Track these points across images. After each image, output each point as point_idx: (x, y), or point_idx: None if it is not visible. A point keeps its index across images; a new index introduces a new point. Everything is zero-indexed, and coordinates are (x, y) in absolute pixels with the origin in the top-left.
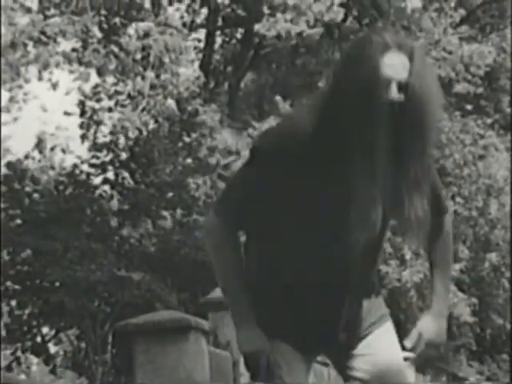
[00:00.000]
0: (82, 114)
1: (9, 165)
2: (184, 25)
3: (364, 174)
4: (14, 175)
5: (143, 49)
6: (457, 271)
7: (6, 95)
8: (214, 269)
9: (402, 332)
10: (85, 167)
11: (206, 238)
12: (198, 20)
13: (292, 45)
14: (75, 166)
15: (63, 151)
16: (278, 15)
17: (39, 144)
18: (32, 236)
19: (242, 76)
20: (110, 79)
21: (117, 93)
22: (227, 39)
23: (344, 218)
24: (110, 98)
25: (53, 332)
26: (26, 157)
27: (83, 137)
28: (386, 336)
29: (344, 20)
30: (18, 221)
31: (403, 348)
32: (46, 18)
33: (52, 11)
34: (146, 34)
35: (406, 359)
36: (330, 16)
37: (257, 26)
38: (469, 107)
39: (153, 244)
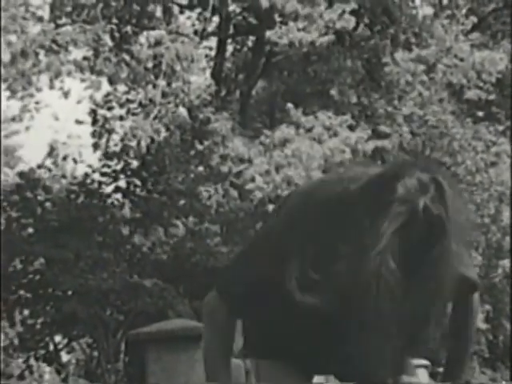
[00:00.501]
0: (94, 122)
1: (21, 174)
2: (195, 33)
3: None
4: (26, 184)
5: (155, 57)
6: None
7: (17, 104)
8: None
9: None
10: (96, 176)
11: (204, 316)
12: (210, 28)
13: (303, 52)
14: (87, 174)
15: (75, 161)
16: (290, 23)
17: (51, 153)
18: (44, 245)
19: (254, 84)
20: (122, 87)
21: (128, 101)
22: (238, 47)
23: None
24: (121, 106)
25: (65, 341)
26: (39, 166)
27: (95, 145)
28: None
29: (355, 28)
30: (31, 230)
31: None
32: (57, 26)
33: (63, 20)
34: (158, 42)
35: None
36: (341, 24)
37: (268, 33)
38: (480, 114)
39: (165, 252)
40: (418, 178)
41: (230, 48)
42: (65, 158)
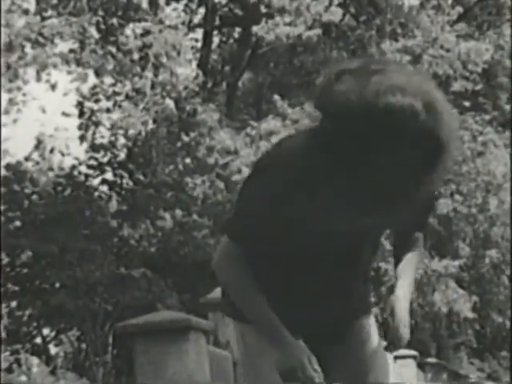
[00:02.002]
0: (81, 114)
1: (8, 166)
2: (183, 23)
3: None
4: (13, 177)
5: (141, 48)
6: (456, 268)
7: (4, 97)
8: (231, 294)
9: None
10: (83, 168)
11: (223, 263)
12: (195, 20)
13: (289, 44)
14: (74, 167)
15: (62, 153)
16: (277, 18)
17: (38, 145)
18: (31, 238)
19: (240, 75)
20: (108, 80)
21: (115, 93)
22: (224, 39)
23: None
24: (108, 98)
25: (53, 333)
26: (26, 159)
27: (82, 138)
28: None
29: (341, 19)
30: (18, 223)
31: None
32: (43, 19)
33: (49, 13)
34: (147, 32)
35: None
36: (327, 16)
37: (255, 28)
38: (467, 104)
39: (152, 244)
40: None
41: (216, 40)
42: (52, 151)
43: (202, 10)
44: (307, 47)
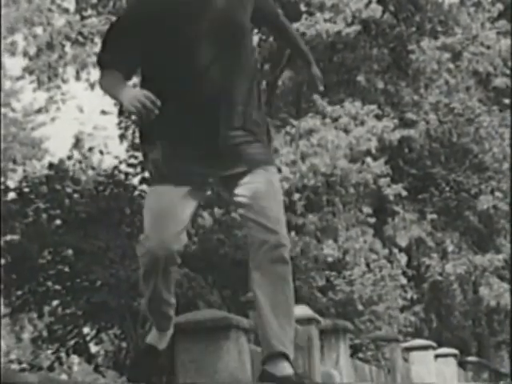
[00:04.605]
0: (121, 113)
1: (50, 165)
2: None
3: None
4: (55, 175)
5: None
6: (501, 261)
7: (44, 95)
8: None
9: (443, 324)
10: (123, 167)
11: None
12: None
13: (329, 41)
14: (115, 166)
15: (101, 152)
16: (317, 15)
17: (77, 144)
18: (73, 236)
19: (280, 74)
20: None
21: None
22: (264, 37)
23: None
24: None
25: (93, 332)
26: (69, 157)
27: (121, 136)
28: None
29: (381, 16)
30: (58, 221)
31: None
32: (82, 18)
33: (89, 12)
34: None
35: None
36: (367, 13)
37: (296, 25)
38: (507, 101)
39: (193, 243)
40: None
41: (255, 38)
42: (90, 150)
43: None
44: (347, 45)
